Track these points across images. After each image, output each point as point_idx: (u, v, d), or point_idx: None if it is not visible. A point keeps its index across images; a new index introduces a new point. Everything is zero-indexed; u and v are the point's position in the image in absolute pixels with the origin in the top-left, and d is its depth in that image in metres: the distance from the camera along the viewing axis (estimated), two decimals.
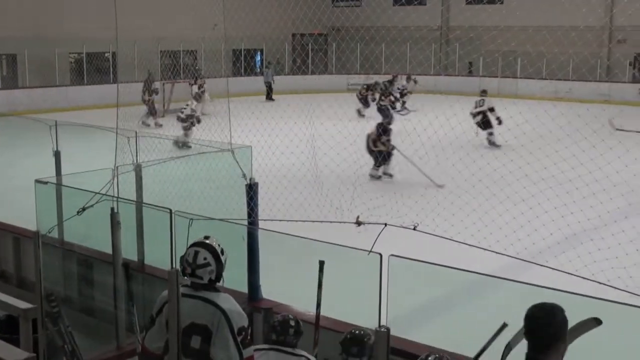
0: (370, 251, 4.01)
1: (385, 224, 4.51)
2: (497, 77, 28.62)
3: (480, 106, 18.04)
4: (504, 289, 5.49)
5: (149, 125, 20.78)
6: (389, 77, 25.32)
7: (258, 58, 33.73)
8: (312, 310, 4.85)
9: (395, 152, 14.31)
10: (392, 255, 4.25)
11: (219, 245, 3.91)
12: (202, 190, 8.80)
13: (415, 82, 25.12)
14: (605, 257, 7.23)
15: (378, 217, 4.85)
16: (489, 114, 17.81)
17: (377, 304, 4.19)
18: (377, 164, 14.29)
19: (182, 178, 8.71)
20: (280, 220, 5.55)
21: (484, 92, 18.78)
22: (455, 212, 9.62)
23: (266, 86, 28.97)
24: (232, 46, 29.93)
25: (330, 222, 5.21)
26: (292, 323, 4.34)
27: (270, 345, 4.28)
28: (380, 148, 14.31)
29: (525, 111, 10.15)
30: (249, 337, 3.82)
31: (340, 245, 4.50)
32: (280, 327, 4.32)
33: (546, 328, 2.78)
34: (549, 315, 2.79)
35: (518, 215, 9.01)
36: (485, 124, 17.86)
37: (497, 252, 6.16)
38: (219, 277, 3.87)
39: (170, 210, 5.13)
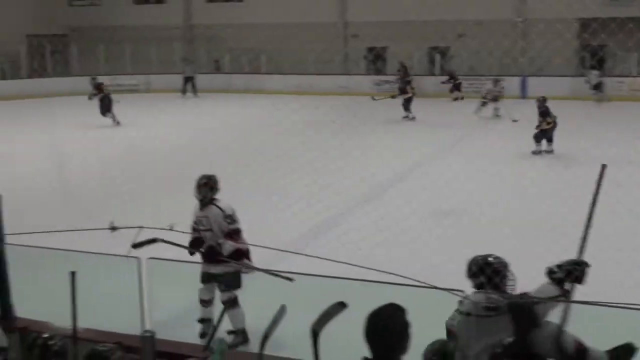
0: (127, 255, 3.92)
1: (141, 227, 4.43)
2: (244, 73, 29.16)
3: None
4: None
5: None
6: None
7: None
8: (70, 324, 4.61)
9: None
10: (151, 257, 4.18)
11: None
12: None
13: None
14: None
15: (133, 221, 4.73)
16: None
17: (139, 308, 4.11)
18: None
19: None
20: (30, 233, 5.20)
21: None
22: None
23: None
24: None
25: (83, 229, 4.99)
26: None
27: None
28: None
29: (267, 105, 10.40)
30: None
31: (95, 253, 4.35)
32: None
33: (383, 333, 2.72)
34: (387, 321, 2.75)
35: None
36: None
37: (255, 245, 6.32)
38: None
39: None
